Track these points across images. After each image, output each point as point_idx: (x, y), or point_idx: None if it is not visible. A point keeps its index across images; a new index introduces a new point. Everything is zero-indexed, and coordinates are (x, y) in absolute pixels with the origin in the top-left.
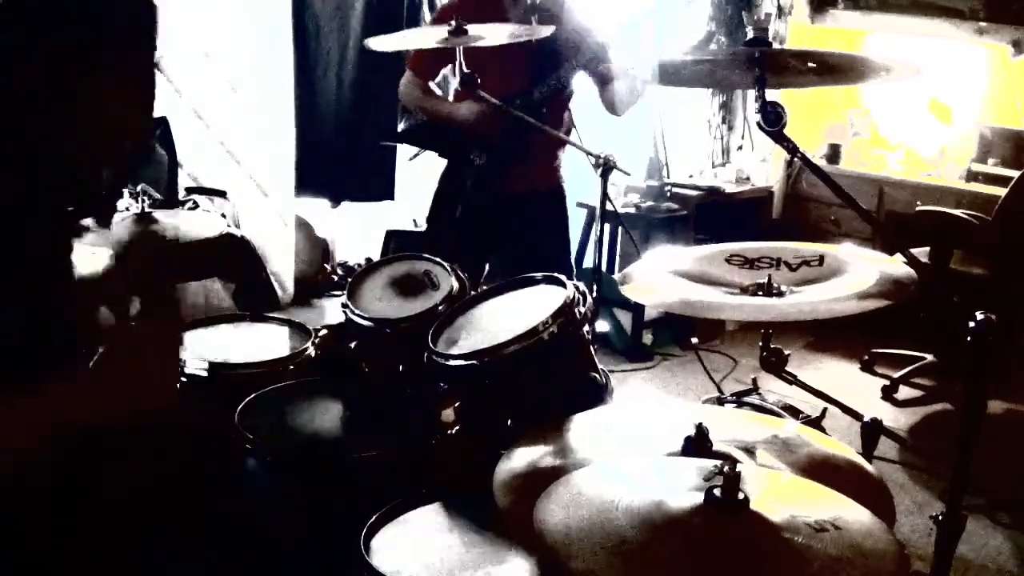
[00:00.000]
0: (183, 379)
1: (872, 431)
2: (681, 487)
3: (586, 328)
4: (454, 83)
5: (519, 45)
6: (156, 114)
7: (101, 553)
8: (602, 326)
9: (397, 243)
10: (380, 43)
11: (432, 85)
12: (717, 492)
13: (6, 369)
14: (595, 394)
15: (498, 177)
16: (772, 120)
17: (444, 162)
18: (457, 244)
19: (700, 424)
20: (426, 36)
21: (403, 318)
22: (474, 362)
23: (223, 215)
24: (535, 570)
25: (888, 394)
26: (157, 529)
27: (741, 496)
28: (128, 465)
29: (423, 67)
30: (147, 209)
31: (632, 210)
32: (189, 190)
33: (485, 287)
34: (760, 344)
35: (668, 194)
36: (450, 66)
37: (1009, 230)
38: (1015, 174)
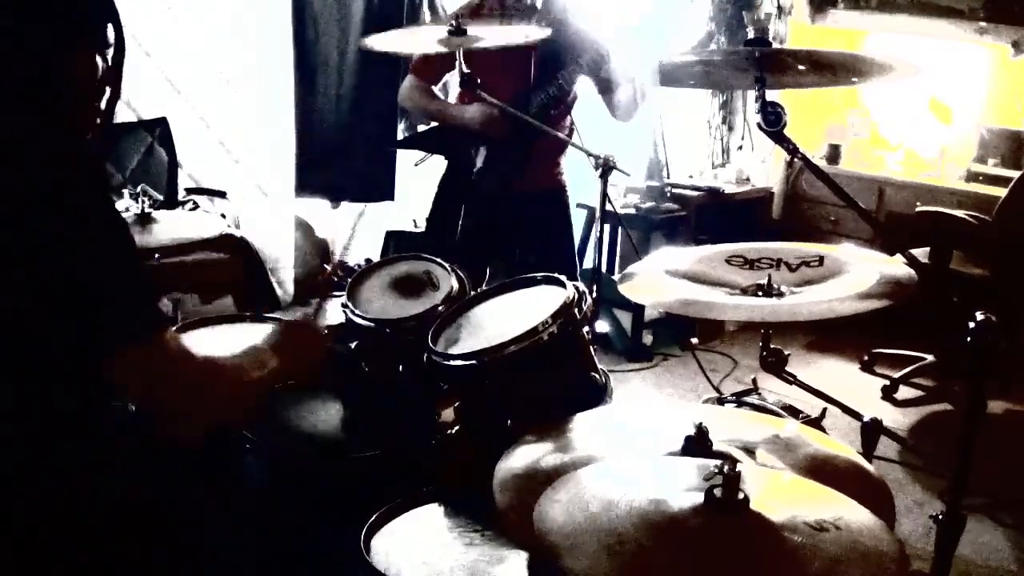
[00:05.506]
0: None
1: (872, 431)
2: (681, 487)
3: (586, 328)
4: (455, 87)
5: (524, 50)
6: (156, 114)
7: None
8: (602, 326)
9: (397, 243)
10: (378, 43)
11: (435, 90)
12: (717, 492)
13: None
14: (595, 394)
15: (503, 177)
16: (772, 120)
17: (443, 165)
18: (459, 245)
19: (700, 424)
20: (425, 37)
21: (403, 318)
22: (474, 362)
23: (223, 215)
24: (535, 570)
25: (888, 394)
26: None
27: (741, 496)
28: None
29: (427, 71)
30: (147, 209)
31: (632, 211)
32: (189, 190)
33: (485, 287)
34: (760, 344)
35: (668, 195)
36: (454, 71)
37: (1009, 230)
38: (1015, 174)
